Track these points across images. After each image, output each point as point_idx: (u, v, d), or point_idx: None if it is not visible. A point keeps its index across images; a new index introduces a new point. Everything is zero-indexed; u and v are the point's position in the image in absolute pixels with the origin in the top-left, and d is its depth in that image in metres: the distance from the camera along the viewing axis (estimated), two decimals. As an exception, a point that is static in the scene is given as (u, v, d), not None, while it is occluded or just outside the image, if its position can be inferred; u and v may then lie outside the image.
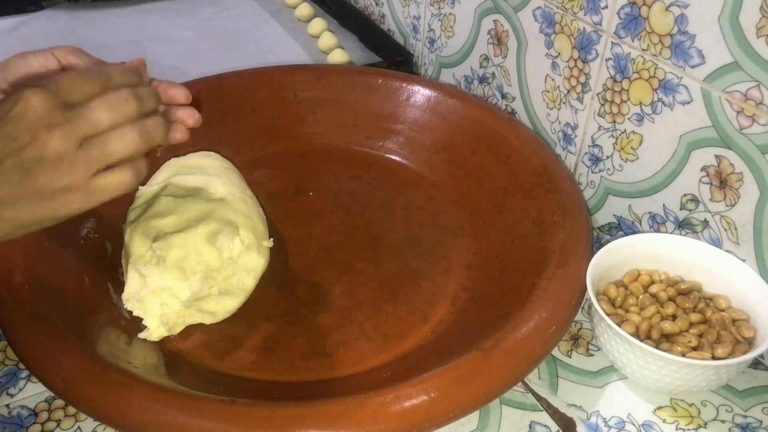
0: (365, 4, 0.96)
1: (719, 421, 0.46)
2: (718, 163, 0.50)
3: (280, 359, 0.50)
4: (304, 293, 0.55)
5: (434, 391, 0.41)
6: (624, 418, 0.46)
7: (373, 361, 0.50)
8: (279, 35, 0.91)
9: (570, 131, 0.63)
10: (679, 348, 0.45)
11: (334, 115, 0.71)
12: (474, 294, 0.55)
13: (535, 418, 0.46)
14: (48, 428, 0.45)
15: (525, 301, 0.47)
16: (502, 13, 0.67)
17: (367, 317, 0.53)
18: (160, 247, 0.50)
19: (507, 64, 0.69)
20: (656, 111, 0.53)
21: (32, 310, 0.45)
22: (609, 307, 0.48)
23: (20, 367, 0.49)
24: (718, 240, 0.52)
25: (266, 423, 0.39)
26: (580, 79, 0.60)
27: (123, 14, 0.95)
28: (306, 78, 0.72)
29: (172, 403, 0.40)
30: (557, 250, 0.51)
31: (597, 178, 0.61)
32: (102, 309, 0.51)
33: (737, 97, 0.46)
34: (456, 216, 0.63)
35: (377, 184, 0.67)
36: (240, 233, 0.53)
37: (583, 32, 0.57)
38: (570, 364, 0.50)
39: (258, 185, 0.63)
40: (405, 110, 0.70)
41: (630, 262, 0.51)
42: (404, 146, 0.70)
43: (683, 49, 0.49)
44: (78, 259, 0.53)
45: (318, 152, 0.70)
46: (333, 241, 0.61)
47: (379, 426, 0.39)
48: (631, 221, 0.59)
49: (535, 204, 0.57)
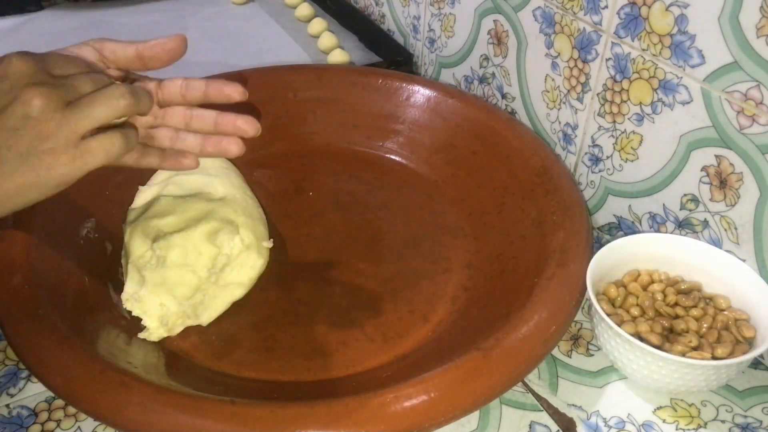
0: (365, 4, 0.96)
1: (719, 421, 0.46)
2: (718, 163, 0.50)
3: (280, 359, 0.50)
4: (304, 293, 0.55)
5: (434, 391, 0.41)
6: (624, 418, 0.46)
7: (373, 361, 0.50)
8: (279, 35, 0.91)
9: (570, 131, 0.63)
10: (679, 348, 0.45)
11: (334, 115, 0.71)
12: (474, 294, 0.55)
13: (535, 418, 0.46)
14: (48, 428, 0.45)
15: (525, 301, 0.47)
16: (502, 13, 0.67)
17: (367, 317, 0.53)
18: (160, 246, 0.50)
19: (507, 64, 0.69)
20: (656, 111, 0.53)
21: (32, 310, 0.45)
22: (609, 307, 0.48)
23: (20, 367, 0.49)
24: (718, 240, 0.52)
25: (266, 423, 0.39)
26: (580, 79, 0.60)
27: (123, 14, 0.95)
28: (306, 78, 0.72)
29: (172, 403, 0.40)
30: (557, 250, 0.51)
31: (597, 178, 0.61)
32: (102, 309, 0.51)
33: (737, 97, 0.46)
34: (456, 216, 0.63)
35: (377, 184, 0.67)
36: (240, 233, 0.53)
37: (583, 32, 0.57)
38: (570, 364, 0.50)
39: (258, 185, 0.63)
40: (405, 110, 0.70)
41: (630, 262, 0.51)
42: (404, 146, 0.70)
43: (683, 49, 0.49)
44: (78, 259, 0.53)
45: (318, 152, 0.70)
46: (333, 241, 0.61)
47: (379, 426, 0.39)
48: (631, 221, 0.59)
49: (535, 204, 0.57)
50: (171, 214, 0.53)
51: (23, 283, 0.47)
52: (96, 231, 0.56)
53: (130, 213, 0.56)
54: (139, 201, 0.56)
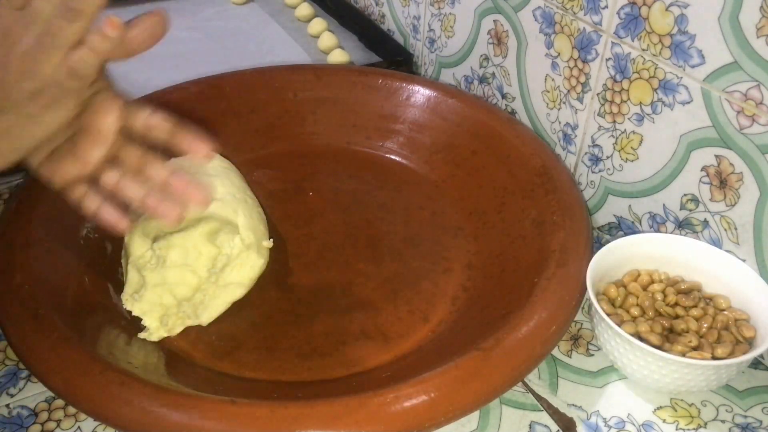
0: (365, 4, 0.96)
1: (719, 421, 0.46)
2: (718, 163, 0.50)
3: (280, 359, 0.50)
4: (304, 293, 0.55)
5: (434, 391, 0.41)
6: (624, 418, 0.46)
7: (373, 361, 0.50)
8: (279, 35, 0.91)
9: (570, 131, 0.63)
10: (679, 348, 0.45)
11: (334, 115, 0.71)
12: (474, 294, 0.55)
13: (535, 418, 0.46)
14: (48, 428, 0.45)
15: (525, 301, 0.47)
16: (502, 13, 0.67)
17: (367, 317, 0.53)
18: (160, 246, 0.50)
19: (507, 64, 0.69)
20: (656, 111, 0.53)
21: (32, 310, 0.45)
22: (609, 307, 0.48)
23: (20, 367, 0.49)
24: (718, 240, 0.52)
25: (266, 423, 0.39)
26: (580, 79, 0.60)
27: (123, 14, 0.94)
28: (306, 78, 0.72)
29: (172, 403, 0.40)
30: (557, 250, 0.51)
31: (597, 178, 0.61)
32: (102, 309, 0.51)
33: (737, 97, 0.46)
34: (456, 216, 0.63)
35: (377, 184, 0.67)
36: (240, 233, 0.53)
37: (583, 32, 0.57)
38: (570, 364, 0.50)
39: (258, 185, 0.63)
40: (405, 110, 0.70)
41: (630, 262, 0.51)
42: (404, 146, 0.70)
43: (683, 49, 0.49)
44: (78, 259, 0.53)
45: (318, 152, 0.70)
46: (333, 241, 0.61)
47: (379, 426, 0.39)
48: (631, 221, 0.59)
49: (535, 204, 0.57)
50: (171, 214, 0.53)
51: (23, 283, 0.47)
52: (96, 231, 0.56)
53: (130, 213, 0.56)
54: (139, 201, 0.56)
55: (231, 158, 0.63)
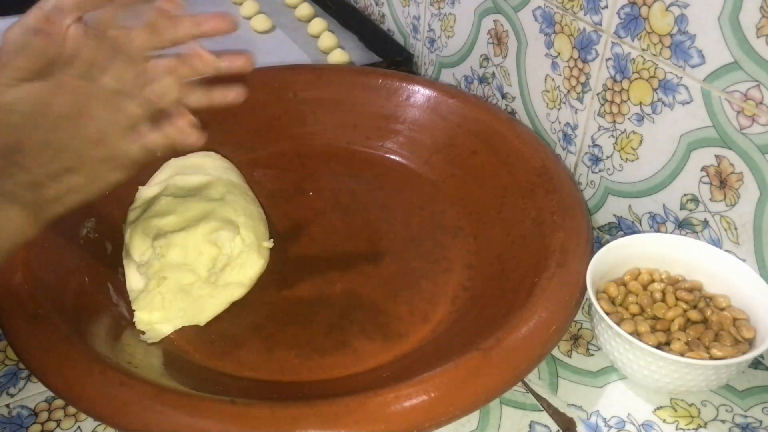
0: (365, 4, 0.96)
1: (719, 421, 0.46)
2: (718, 163, 0.50)
3: (280, 359, 0.50)
4: (304, 293, 0.55)
5: (434, 391, 0.41)
6: (624, 418, 0.46)
7: (373, 361, 0.50)
8: (279, 35, 0.91)
9: (570, 131, 0.63)
10: (679, 348, 0.45)
11: (334, 115, 0.71)
12: (474, 294, 0.55)
13: (535, 418, 0.46)
14: (48, 428, 0.45)
15: (525, 301, 0.47)
16: (502, 13, 0.67)
17: (367, 317, 0.53)
18: (161, 245, 0.50)
19: (507, 64, 0.69)
20: (656, 111, 0.53)
21: (32, 310, 0.45)
22: (609, 307, 0.48)
23: (20, 367, 0.49)
24: (718, 240, 0.52)
25: (266, 423, 0.39)
26: (580, 79, 0.60)
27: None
28: (306, 78, 0.72)
29: (172, 403, 0.40)
30: (557, 250, 0.51)
31: (597, 178, 0.61)
32: (102, 309, 0.51)
33: (737, 97, 0.46)
34: (456, 216, 0.63)
35: (377, 184, 0.67)
36: (240, 233, 0.53)
37: (583, 32, 0.57)
38: (570, 364, 0.50)
39: (258, 185, 0.63)
40: (405, 110, 0.70)
41: (630, 262, 0.51)
42: (404, 146, 0.70)
43: (683, 49, 0.49)
44: (78, 259, 0.53)
45: (318, 152, 0.70)
46: (333, 241, 0.61)
47: (379, 426, 0.39)
48: (631, 221, 0.59)
49: (535, 204, 0.57)
50: (171, 213, 0.53)
51: (23, 283, 0.47)
52: (96, 231, 0.56)
53: (131, 213, 0.56)
54: (139, 201, 0.56)
55: (231, 158, 0.63)
